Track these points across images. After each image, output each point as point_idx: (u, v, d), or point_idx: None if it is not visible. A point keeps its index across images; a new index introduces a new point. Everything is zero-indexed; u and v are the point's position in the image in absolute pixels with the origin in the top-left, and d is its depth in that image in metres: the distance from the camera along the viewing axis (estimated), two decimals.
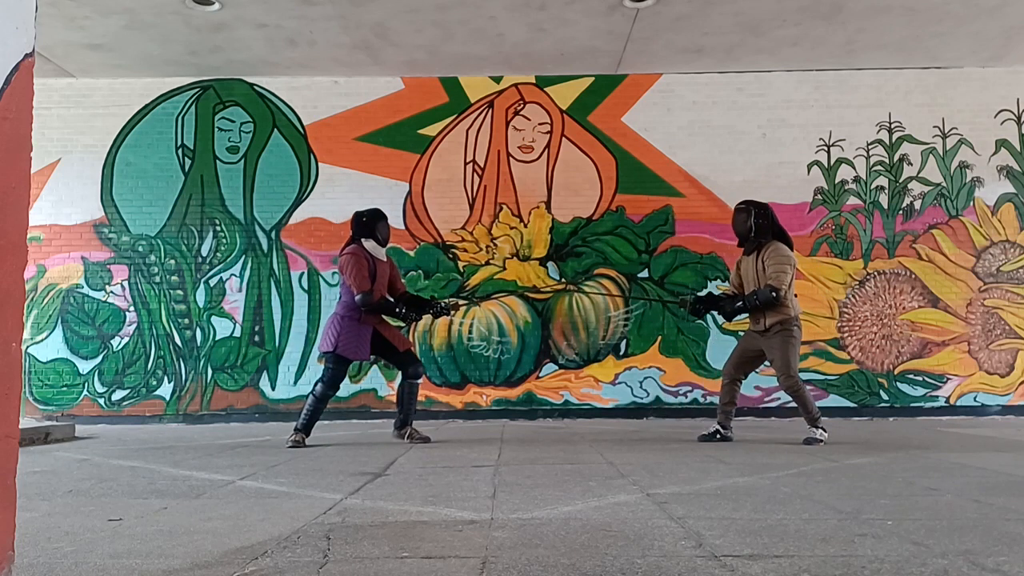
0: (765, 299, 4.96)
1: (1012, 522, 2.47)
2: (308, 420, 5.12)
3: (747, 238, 5.19)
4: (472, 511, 2.74)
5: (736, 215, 5.25)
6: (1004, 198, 7.60)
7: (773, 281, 4.96)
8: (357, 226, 5.28)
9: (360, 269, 5.06)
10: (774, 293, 4.93)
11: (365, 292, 5.04)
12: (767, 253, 5.06)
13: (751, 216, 5.15)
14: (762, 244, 5.12)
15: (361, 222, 5.27)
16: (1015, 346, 7.46)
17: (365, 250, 5.18)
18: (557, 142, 7.70)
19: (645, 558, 2.05)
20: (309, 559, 2.08)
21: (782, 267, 4.98)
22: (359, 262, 5.09)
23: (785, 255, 5.04)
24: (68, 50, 7.04)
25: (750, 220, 5.14)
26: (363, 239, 5.22)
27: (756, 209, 5.18)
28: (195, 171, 7.65)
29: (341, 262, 5.18)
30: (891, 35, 6.90)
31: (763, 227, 5.14)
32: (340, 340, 5.07)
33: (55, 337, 7.49)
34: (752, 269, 5.15)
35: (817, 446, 4.88)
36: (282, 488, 3.35)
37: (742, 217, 5.19)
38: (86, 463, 4.37)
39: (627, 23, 6.58)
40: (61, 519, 2.69)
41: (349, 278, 5.09)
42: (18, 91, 1.70)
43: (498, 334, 7.47)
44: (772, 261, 5.01)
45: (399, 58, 7.27)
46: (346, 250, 5.21)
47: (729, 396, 5.26)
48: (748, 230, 5.15)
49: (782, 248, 5.07)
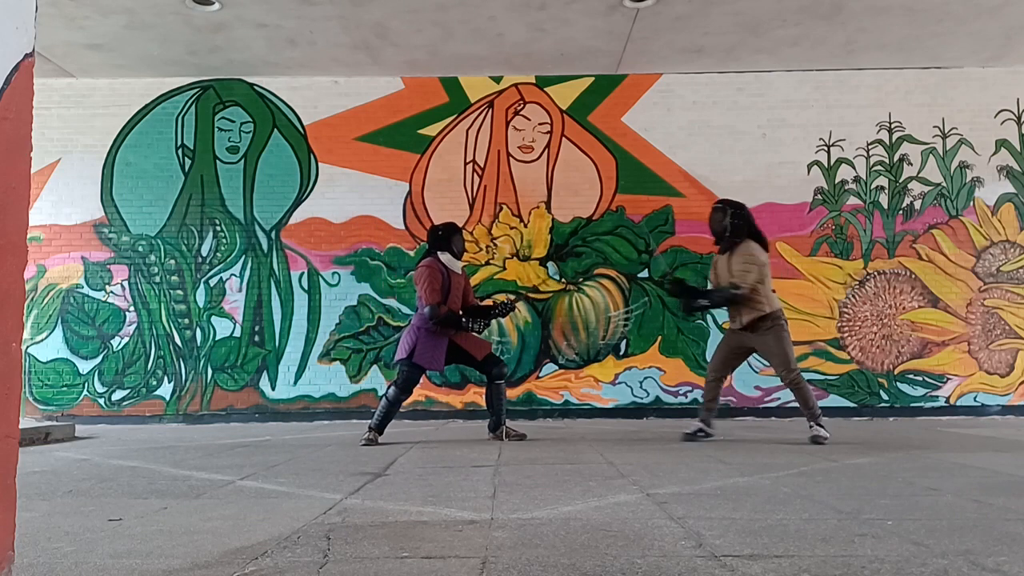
0: (719, 299, 5.13)
1: (1012, 522, 2.47)
2: (382, 420, 5.23)
3: (722, 237, 5.23)
4: (472, 511, 2.74)
5: (713, 214, 5.29)
6: (1004, 198, 7.60)
7: (737, 279, 5.04)
8: (433, 239, 5.40)
9: (432, 282, 5.18)
10: (733, 291, 5.02)
11: (433, 305, 5.15)
12: (736, 253, 5.12)
13: (727, 215, 5.19)
14: (736, 244, 5.16)
15: (437, 235, 5.39)
16: (1015, 346, 7.46)
17: (441, 263, 5.28)
18: (557, 142, 7.70)
19: (645, 558, 2.05)
20: (309, 559, 2.08)
21: (747, 266, 5.04)
22: (432, 275, 5.20)
23: (751, 254, 5.09)
24: (68, 50, 7.04)
25: (726, 219, 5.18)
26: (439, 252, 5.33)
27: (732, 209, 5.21)
28: (195, 171, 7.65)
29: (415, 275, 5.32)
30: (891, 35, 6.90)
31: (738, 227, 5.17)
32: (416, 349, 5.16)
33: (55, 337, 7.49)
34: (725, 268, 5.20)
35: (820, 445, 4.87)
36: (282, 488, 3.35)
37: (718, 216, 5.23)
38: (86, 463, 4.37)
39: (627, 23, 6.58)
40: (61, 519, 2.69)
41: (420, 290, 5.21)
42: (18, 91, 1.69)
43: (498, 334, 7.47)
44: (742, 262, 5.07)
45: (399, 58, 7.27)
46: (421, 263, 5.34)
47: (713, 394, 5.29)
48: (723, 229, 5.20)
49: (752, 247, 5.12)
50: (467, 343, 5.35)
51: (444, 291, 5.23)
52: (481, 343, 5.45)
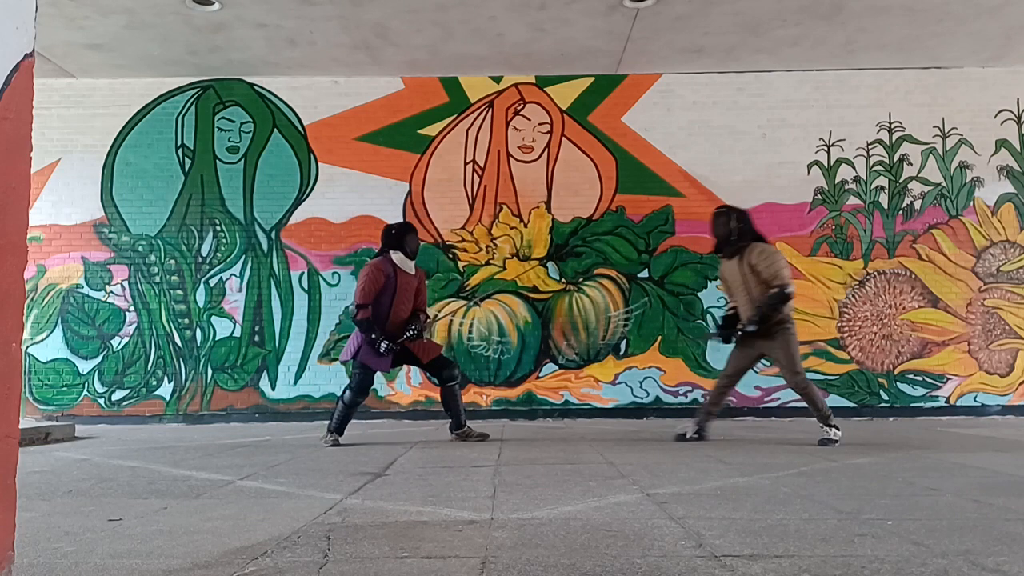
0: (781, 299, 4.91)
1: (1012, 522, 2.47)
2: (340, 422, 5.21)
3: (727, 242, 5.16)
4: (472, 511, 2.74)
5: (716, 219, 5.22)
6: (1004, 198, 7.60)
7: (778, 280, 4.91)
8: (386, 238, 5.37)
9: (371, 282, 5.14)
10: (787, 290, 4.89)
11: (359, 305, 5.11)
12: (753, 255, 5.02)
13: (731, 219, 5.13)
14: (743, 248, 5.09)
15: (390, 235, 5.36)
16: (1015, 346, 7.46)
17: (391, 263, 5.23)
18: (557, 142, 7.70)
19: (645, 558, 2.05)
20: (309, 559, 2.08)
21: (778, 263, 4.94)
22: (373, 275, 5.15)
23: (774, 251, 5.03)
24: (68, 50, 7.04)
25: (731, 223, 5.12)
26: (391, 251, 5.30)
27: (736, 214, 5.16)
28: (195, 171, 7.65)
29: (360, 271, 5.29)
30: (891, 35, 6.90)
31: (744, 231, 5.12)
32: (361, 349, 5.13)
33: (55, 337, 7.49)
34: (737, 273, 5.11)
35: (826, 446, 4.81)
36: (282, 488, 3.35)
37: (722, 220, 5.17)
38: (86, 463, 4.37)
39: (627, 23, 6.58)
40: (61, 519, 2.69)
41: (356, 287, 5.19)
42: (18, 91, 1.70)
43: (498, 334, 7.47)
44: (766, 262, 4.96)
45: (399, 58, 7.27)
46: (370, 261, 5.32)
47: (719, 399, 5.25)
48: (729, 234, 5.13)
49: (768, 246, 5.07)
50: (414, 346, 5.26)
51: (390, 292, 5.17)
52: (429, 347, 5.37)
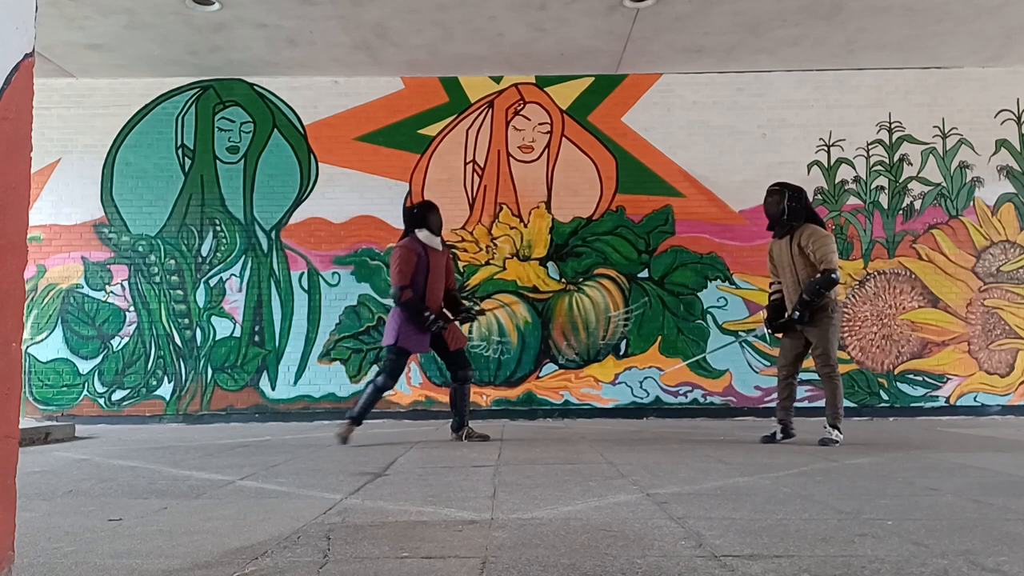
0: (827, 284, 4.80)
1: (1012, 522, 2.47)
2: (364, 409, 5.18)
3: (778, 221, 5.04)
4: (472, 511, 2.74)
5: (769, 197, 5.09)
6: (1004, 198, 7.60)
7: (827, 264, 4.80)
8: (409, 218, 5.31)
9: (405, 263, 5.05)
10: (834, 275, 4.79)
11: (401, 287, 5.04)
12: (803, 236, 4.91)
13: (784, 198, 5.00)
14: (794, 227, 4.98)
15: (412, 214, 5.29)
16: (1015, 346, 7.46)
17: (419, 242, 5.16)
18: (557, 142, 7.70)
19: (645, 558, 2.05)
20: (309, 559, 2.08)
21: (828, 247, 4.83)
22: (406, 256, 5.08)
23: (826, 235, 4.90)
24: (68, 50, 7.04)
25: (783, 202, 4.99)
26: (416, 230, 5.22)
27: (790, 192, 5.03)
28: (195, 171, 7.65)
29: (392, 255, 5.19)
30: (891, 35, 6.90)
31: (796, 210, 4.99)
32: (400, 333, 5.08)
33: (55, 337, 7.49)
34: (786, 254, 5.01)
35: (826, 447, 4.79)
36: (282, 488, 3.35)
37: (775, 199, 5.03)
38: (86, 463, 4.37)
39: (627, 23, 6.58)
40: (61, 519, 2.69)
41: (391, 271, 5.12)
42: (18, 91, 1.70)
43: (498, 334, 7.47)
44: (816, 244, 4.85)
45: (399, 58, 7.27)
46: (400, 243, 5.22)
47: (787, 392, 5.10)
48: (780, 212, 5.00)
49: (820, 229, 4.93)
50: (447, 331, 5.24)
51: (423, 271, 5.11)
52: (459, 335, 5.37)
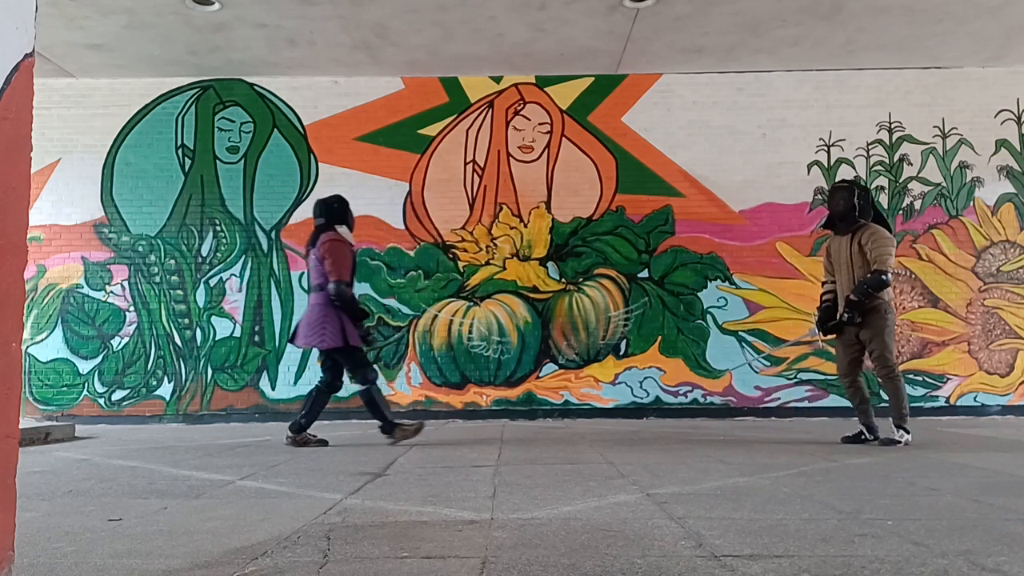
0: (877, 284, 4.76)
1: (1012, 522, 2.47)
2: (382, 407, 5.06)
3: (845, 218, 4.95)
4: (472, 511, 2.74)
5: (837, 193, 5.00)
6: (1004, 198, 7.60)
7: (879, 264, 4.76)
8: (329, 212, 5.05)
9: (344, 258, 4.88)
10: (884, 276, 4.75)
11: (343, 282, 4.84)
12: (865, 235, 4.86)
13: (854, 196, 4.92)
14: (860, 227, 4.92)
15: (334, 208, 5.05)
16: (1015, 346, 7.46)
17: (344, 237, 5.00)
18: (557, 142, 7.70)
19: (645, 558, 2.05)
20: (309, 559, 2.08)
21: (886, 249, 4.79)
22: (344, 250, 4.90)
23: (887, 236, 4.85)
24: (68, 50, 7.04)
25: (853, 199, 4.91)
26: (336, 225, 5.02)
27: (859, 190, 4.96)
28: (195, 171, 7.65)
29: (324, 248, 4.90)
30: (891, 35, 6.90)
31: (865, 208, 4.93)
32: (348, 331, 4.87)
33: (55, 337, 7.49)
34: (846, 251, 4.96)
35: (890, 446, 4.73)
36: (282, 488, 3.35)
37: (844, 195, 4.94)
38: (86, 463, 4.37)
39: (627, 23, 6.58)
40: (61, 519, 2.69)
41: (331, 265, 4.84)
42: (18, 91, 1.70)
43: (498, 334, 7.47)
44: (875, 244, 4.80)
45: (399, 58, 7.27)
46: (328, 236, 4.96)
47: (858, 396, 5.04)
48: (851, 209, 4.91)
49: (882, 230, 4.88)
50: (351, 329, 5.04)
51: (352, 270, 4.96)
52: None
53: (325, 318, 4.87)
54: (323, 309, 4.90)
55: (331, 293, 4.83)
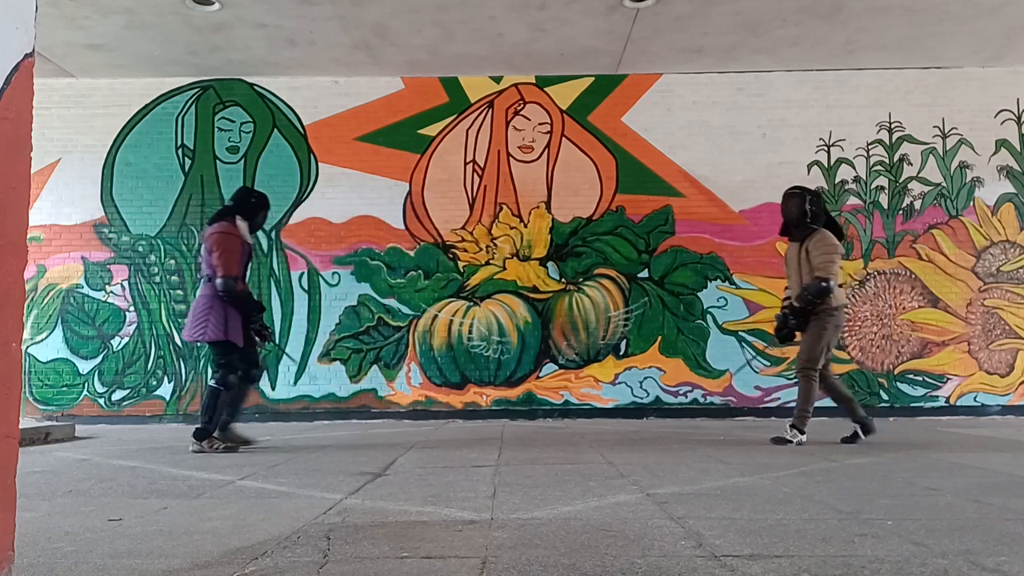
0: (816, 292, 4.82)
1: (1012, 522, 2.47)
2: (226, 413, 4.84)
3: (799, 224, 5.00)
4: (472, 511, 2.74)
5: (789, 199, 5.04)
6: (1004, 198, 7.60)
7: (821, 272, 4.82)
8: (243, 203, 4.95)
9: (232, 251, 4.74)
10: (824, 283, 4.80)
11: (230, 277, 4.70)
12: (812, 242, 4.91)
13: (805, 201, 4.97)
14: (809, 232, 4.97)
15: (250, 202, 4.95)
16: (1015, 346, 7.46)
17: (237, 229, 4.86)
18: (557, 142, 7.70)
19: (645, 558, 2.05)
20: (309, 559, 2.08)
21: (829, 256, 4.84)
22: (232, 243, 4.76)
23: (832, 243, 4.90)
24: (68, 50, 7.04)
25: (805, 205, 4.96)
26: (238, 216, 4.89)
27: (810, 195, 5.01)
28: (195, 171, 7.65)
29: (211, 240, 4.77)
30: (891, 35, 6.90)
31: (817, 214, 4.99)
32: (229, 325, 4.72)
33: (55, 337, 7.49)
34: (795, 258, 5.01)
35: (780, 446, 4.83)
36: (282, 488, 3.35)
37: (796, 202, 4.99)
38: (86, 463, 4.37)
39: (627, 23, 6.58)
40: (61, 519, 2.69)
41: (218, 258, 4.72)
42: (18, 91, 1.70)
43: (498, 334, 7.47)
44: (818, 250, 4.87)
45: (399, 58, 7.27)
46: (216, 227, 4.83)
47: (836, 395, 5.04)
48: (803, 215, 4.96)
49: (829, 236, 4.93)
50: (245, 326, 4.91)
51: (244, 264, 4.85)
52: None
53: (210, 310, 4.76)
54: (208, 301, 4.79)
55: (219, 288, 4.73)
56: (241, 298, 4.79)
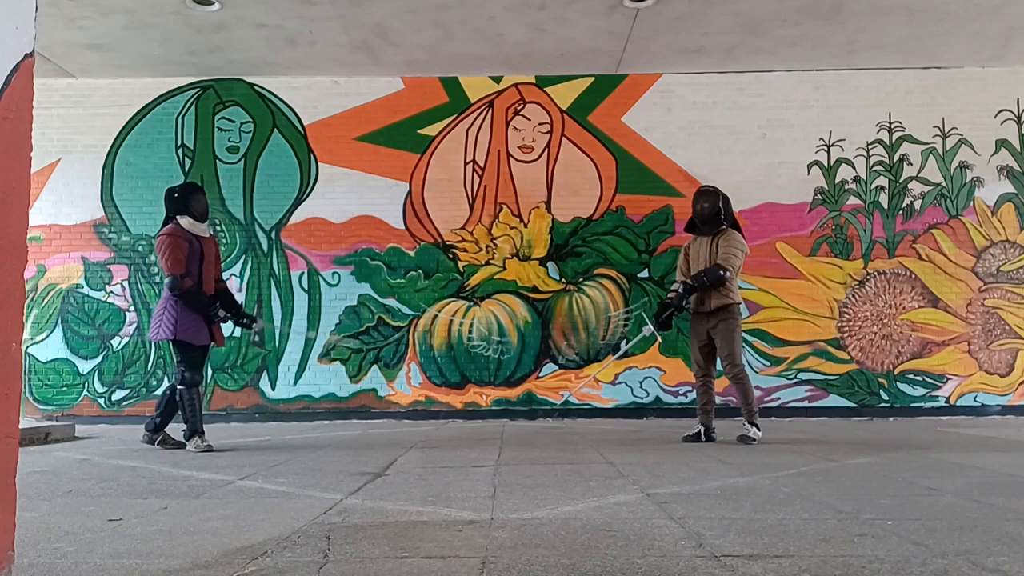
0: (713, 277, 5.03)
1: (1012, 522, 2.47)
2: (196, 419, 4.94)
3: (710, 221, 5.21)
4: (472, 511, 2.74)
5: (704, 197, 5.24)
6: (1004, 198, 7.60)
7: (723, 261, 5.05)
8: (170, 203, 5.04)
9: (177, 250, 4.85)
10: (722, 272, 5.01)
11: (175, 276, 4.83)
12: (723, 238, 5.15)
13: (720, 199, 5.21)
14: (720, 230, 5.19)
15: (173, 198, 5.02)
16: (1015, 346, 7.46)
17: (182, 229, 4.96)
18: (557, 142, 7.70)
19: (645, 558, 2.05)
20: (309, 559, 2.08)
21: (735, 250, 5.10)
22: (173, 243, 4.87)
23: (740, 242, 5.16)
24: (68, 50, 7.04)
25: (719, 203, 5.19)
26: (178, 216, 4.99)
27: (723, 196, 5.25)
28: (195, 171, 7.65)
29: (157, 243, 4.97)
30: (891, 35, 6.90)
31: (729, 214, 5.24)
32: (179, 325, 4.83)
33: (55, 337, 7.49)
34: (705, 251, 5.20)
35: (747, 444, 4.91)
36: (282, 488, 3.35)
37: (712, 200, 5.21)
38: (86, 463, 4.37)
39: (627, 23, 6.58)
40: (61, 519, 2.69)
41: (162, 260, 4.88)
42: (18, 91, 1.70)
43: (498, 334, 7.47)
44: (727, 246, 5.10)
45: (399, 58, 7.27)
46: (163, 231, 4.97)
47: (706, 396, 5.24)
48: (717, 212, 5.19)
49: (738, 235, 5.20)
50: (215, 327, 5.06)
51: (197, 259, 4.94)
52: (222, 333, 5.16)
53: (164, 310, 4.93)
54: (164, 302, 4.96)
55: (167, 287, 4.89)
56: (188, 295, 4.91)
